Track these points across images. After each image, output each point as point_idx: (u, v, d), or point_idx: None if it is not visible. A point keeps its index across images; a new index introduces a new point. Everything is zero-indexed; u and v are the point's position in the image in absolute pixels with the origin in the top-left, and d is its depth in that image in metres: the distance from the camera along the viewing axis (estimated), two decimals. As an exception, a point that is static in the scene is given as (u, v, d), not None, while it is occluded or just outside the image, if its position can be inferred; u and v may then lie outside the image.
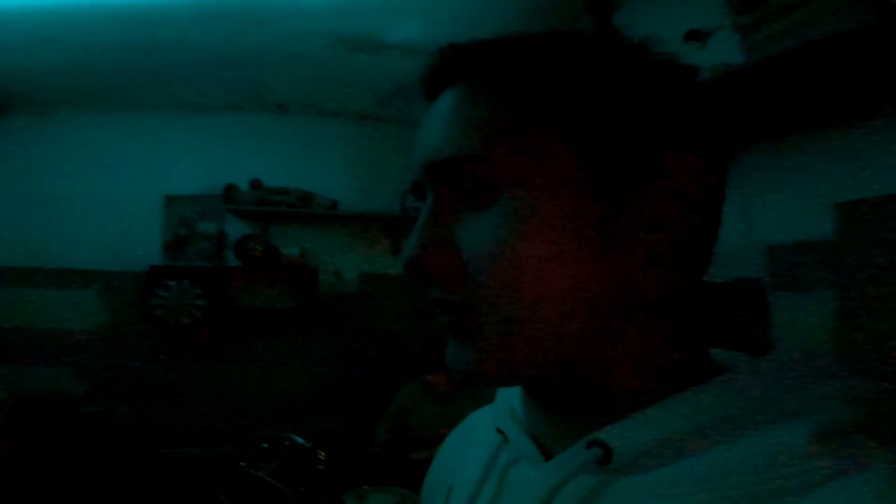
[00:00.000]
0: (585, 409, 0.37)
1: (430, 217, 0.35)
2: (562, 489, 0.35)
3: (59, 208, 2.98)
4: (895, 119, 1.21)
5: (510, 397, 0.47)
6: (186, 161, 3.08)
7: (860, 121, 1.27)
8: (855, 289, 1.30)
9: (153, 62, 2.54)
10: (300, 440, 1.89)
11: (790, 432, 0.30)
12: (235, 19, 2.18)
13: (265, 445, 1.87)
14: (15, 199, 2.96)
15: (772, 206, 1.54)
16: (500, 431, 0.44)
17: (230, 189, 2.98)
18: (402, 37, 2.26)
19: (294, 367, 3.05)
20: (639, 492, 0.33)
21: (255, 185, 2.98)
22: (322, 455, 1.85)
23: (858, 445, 0.29)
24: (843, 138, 1.32)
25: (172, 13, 2.12)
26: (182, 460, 2.45)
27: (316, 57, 2.45)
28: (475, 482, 0.43)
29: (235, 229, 3.09)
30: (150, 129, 3.08)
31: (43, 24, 2.18)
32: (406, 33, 2.23)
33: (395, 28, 2.21)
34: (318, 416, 2.87)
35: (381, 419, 2.49)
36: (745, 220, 1.59)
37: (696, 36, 1.49)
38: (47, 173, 3.00)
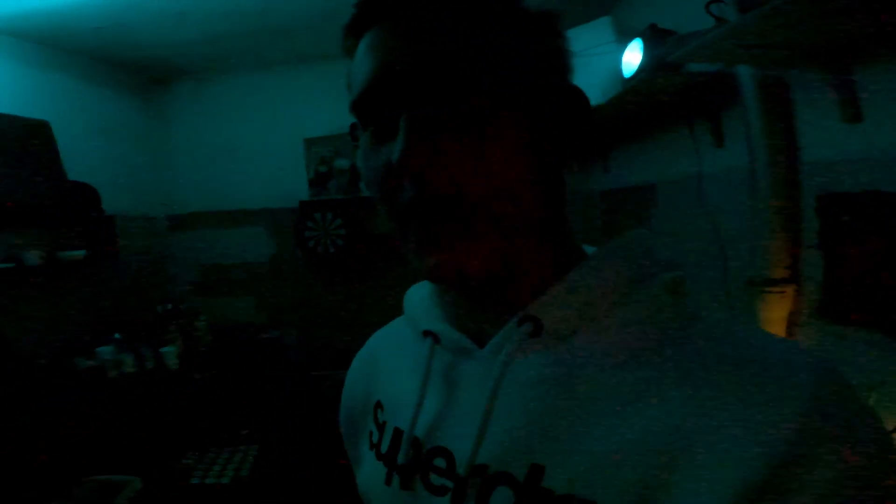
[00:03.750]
0: (505, 297, 0.41)
1: (416, 126, 0.36)
2: (508, 372, 0.38)
3: (228, 158, 3.28)
4: None
5: (420, 306, 0.50)
6: (318, 105, 3.14)
7: None
8: None
9: (271, 22, 2.56)
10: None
11: (647, 295, 0.38)
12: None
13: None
14: (196, 155, 3.32)
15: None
16: (428, 334, 0.46)
17: (354, 127, 2.98)
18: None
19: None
20: (569, 359, 0.38)
21: (376, 120, 2.95)
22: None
23: (687, 301, 0.39)
24: None
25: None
26: (332, 382, 2.70)
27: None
28: (417, 389, 0.44)
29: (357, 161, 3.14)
30: (284, 82, 3.20)
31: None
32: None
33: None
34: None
35: None
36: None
37: None
38: (214, 130, 3.29)
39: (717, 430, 0.31)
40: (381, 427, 0.49)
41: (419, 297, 0.51)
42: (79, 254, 2.42)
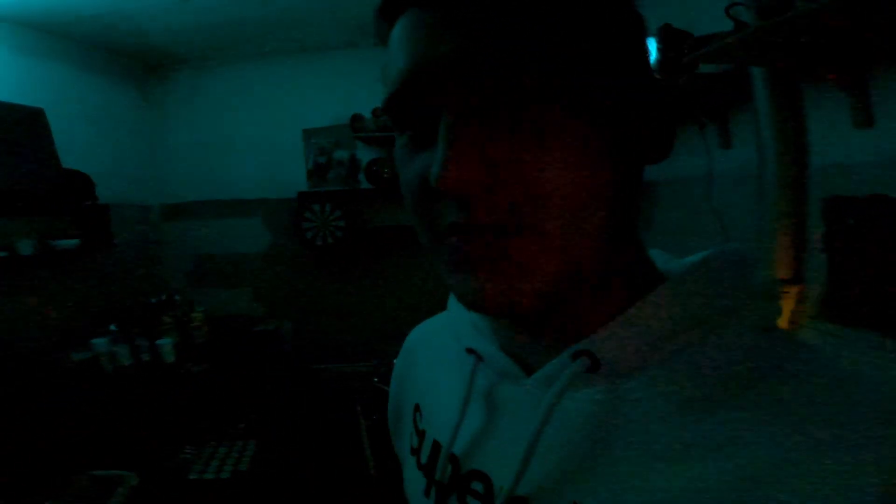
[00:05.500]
0: (561, 324, 0.36)
1: (461, 133, 0.29)
2: (559, 404, 0.34)
3: (225, 148, 3.23)
4: None
5: (465, 317, 0.45)
6: (318, 97, 3.12)
7: None
8: None
9: (272, 12, 2.53)
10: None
11: (736, 330, 0.32)
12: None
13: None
14: (193, 145, 3.27)
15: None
16: (470, 351, 0.42)
17: (356, 119, 2.97)
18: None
19: (425, 283, 3.10)
20: (631, 396, 0.33)
21: (377, 113, 2.93)
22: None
23: (785, 338, 0.32)
24: None
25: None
26: (329, 375, 2.68)
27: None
28: (458, 406, 0.41)
29: (366, 154, 3.12)
30: (284, 73, 3.15)
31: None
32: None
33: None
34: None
35: None
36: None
37: None
38: (212, 120, 3.24)
39: (800, 487, 0.26)
40: (420, 434, 0.47)
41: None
42: (72, 243, 2.37)
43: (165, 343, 2.42)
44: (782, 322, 0.31)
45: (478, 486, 0.38)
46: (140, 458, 1.96)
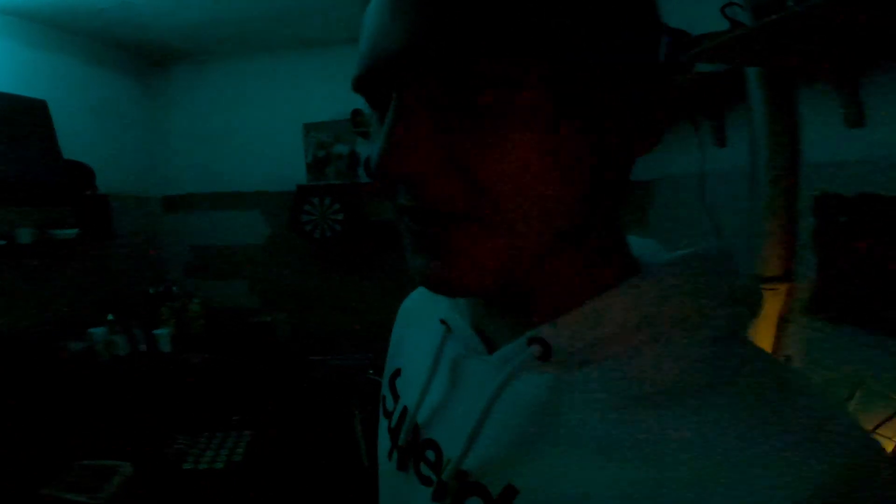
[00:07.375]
0: (527, 307, 0.36)
1: (404, 118, 0.28)
2: (508, 385, 0.35)
3: (225, 142, 3.25)
4: None
5: None
6: (318, 91, 3.12)
7: None
8: None
9: (273, 6, 2.54)
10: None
11: (690, 336, 0.32)
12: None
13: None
14: (194, 138, 3.29)
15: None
16: (443, 322, 0.43)
17: (356, 113, 2.98)
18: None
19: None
20: (577, 388, 0.33)
21: (376, 108, 2.94)
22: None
23: (740, 350, 0.32)
24: None
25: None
26: (325, 368, 2.69)
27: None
28: (425, 372, 0.42)
29: (365, 149, 3.13)
30: (285, 67, 3.17)
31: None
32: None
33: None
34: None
35: None
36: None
37: None
38: (212, 114, 3.26)
39: (715, 490, 0.26)
40: (395, 397, 0.48)
41: None
42: (71, 232, 2.39)
43: (162, 333, 2.44)
44: (747, 329, 0.33)
45: (430, 455, 0.40)
46: (135, 448, 1.97)
